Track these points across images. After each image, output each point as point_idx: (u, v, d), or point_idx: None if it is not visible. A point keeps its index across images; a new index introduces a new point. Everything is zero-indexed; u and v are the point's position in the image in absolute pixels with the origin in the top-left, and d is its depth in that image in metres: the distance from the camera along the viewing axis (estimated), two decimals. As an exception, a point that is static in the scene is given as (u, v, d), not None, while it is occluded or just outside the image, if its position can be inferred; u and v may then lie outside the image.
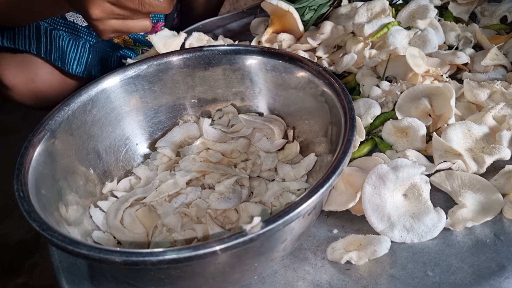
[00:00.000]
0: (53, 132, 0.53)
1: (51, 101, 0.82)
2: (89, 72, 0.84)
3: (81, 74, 0.83)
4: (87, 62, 0.83)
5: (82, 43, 0.83)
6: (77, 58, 0.83)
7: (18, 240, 1.18)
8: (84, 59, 0.83)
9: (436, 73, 0.66)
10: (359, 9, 0.78)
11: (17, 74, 0.80)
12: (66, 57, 0.82)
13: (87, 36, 0.85)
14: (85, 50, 0.83)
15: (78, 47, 0.82)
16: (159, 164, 0.62)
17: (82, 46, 0.83)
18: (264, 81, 0.63)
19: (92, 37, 0.86)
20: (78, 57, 0.83)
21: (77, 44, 0.82)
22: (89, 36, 0.86)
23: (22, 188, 0.45)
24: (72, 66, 0.82)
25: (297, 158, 0.60)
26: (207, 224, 0.52)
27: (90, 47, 0.84)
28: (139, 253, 0.38)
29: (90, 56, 0.83)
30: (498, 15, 0.80)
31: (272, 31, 0.82)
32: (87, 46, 0.83)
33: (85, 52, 0.83)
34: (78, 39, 0.83)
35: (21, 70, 0.80)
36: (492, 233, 0.50)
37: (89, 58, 0.83)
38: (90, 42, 0.85)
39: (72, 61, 0.82)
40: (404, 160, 0.54)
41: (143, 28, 0.56)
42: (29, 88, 0.82)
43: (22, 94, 0.83)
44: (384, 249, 0.49)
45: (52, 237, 0.40)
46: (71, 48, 0.82)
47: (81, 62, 0.83)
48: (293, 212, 0.40)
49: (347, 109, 0.50)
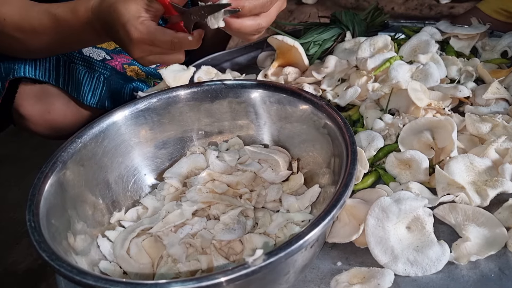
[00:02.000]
0: (65, 163, 0.55)
1: (65, 132, 0.85)
2: (103, 104, 0.87)
3: (95, 105, 0.86)
4: (101, 94, 0.87)
5: (97, 76, 0.87)
6: (91, 90, 0.86)
7: (25, 268, 1.18)
8: (98, 91, 0.87)
9: (438, 107, 0.68)
10: (362, 44, 0.81)
11: (34, 105, 0.84)
12: (82, 89, 0.85)
13: (101, 70, 0.90)
14: (99, 82, 0.87)
15: (93, 80, 0.86)
16: (166, 195, 0.63)
17: (96, 79, 0.87)
18: (269, 114, 0.65)
19: (107, 71, 0.90)
20: (92, 89, 0.87)
21: (92, 77, 0.86)
22: (104, 69, 0.90)
23: (34, 218, 0.47)
24: (87, 97, 0.85)
25: (302, 189, 0.61)
26: (212, 255, 0.53)
27: (104, 80, 0.88)
28: (144, 284, 0.39)
29: (104, 88, 0.87)
30: (499, 49, 0.82)
31: (278, 64, 0.85)
32: (101, 79, 0.87)
33: (99, 85, 0.87)
34: (93, 72, 0.87)
35: (38, 100, 0.84)
36: (497, 268, 0.50)
37: (103, 90, 0.87)
38: (104, 75, 0.89)
39: (87, 93, 0.86)
40: (406, 193, 0.55)
41: (177, 61, 0.63)
42: (45, 118, 0.85)
43: (38, 124, 0.86)
44: (388, 283, 0.49)
45: (60, 267, 0.41)
46: (87, 81, 0.86)
47: (95, 94, 0.87)
48: (295, 245, 0.40)
49: (349, 142, 0.51)
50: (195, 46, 0.59)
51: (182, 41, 0.58)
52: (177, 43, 0.58)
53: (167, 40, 0.58)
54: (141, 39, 0.58)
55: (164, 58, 0.62)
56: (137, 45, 0.59)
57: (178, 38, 0.58)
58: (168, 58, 0.62)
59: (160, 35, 0.58)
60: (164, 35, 0.58)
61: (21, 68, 0.80)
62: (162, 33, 0.58)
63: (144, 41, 0.58)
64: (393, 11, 1.72)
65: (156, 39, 0.58)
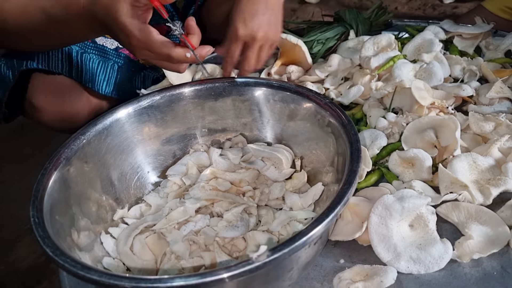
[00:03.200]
0: (69, 160, 0.55)
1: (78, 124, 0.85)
2: (118, 92, 0.87)
3: (110, 94, 0.86)
4: (115, 82, 0.87)
5: (111, 64, 0.87)
6: (106, 79, 0.87)
7: (28, 265, 1.18)
8: (113, 80, 0.87)
9: (442, 105, 0.68)
10: (365, 43, 0.81)
11: (47, 96, 0.84)
12: (96, 78, 0.86)
13: (115, 58, 0.90)
14: (113, 71, 0.87)
15: (107, 69, 0.87)
16: (169, 192, 0.63)
17: (111, 68, 0.87)
18: (272, 112, 0.65)
19: (120, 59, 0.90)
20: (107, 78, 0.87)
21: (106, 66, 0.87)
22: (117, 58, 0.90)
23: (37, 214, 0.47)
24: (101, 86, 0.85)
25: (305, 187, 0.61)
26: (215, 252, 0.53)
27: (118, 68, 0.88)
28: (148, 279, 0.39)
29: (119, 76, 0.87)
30: (503, 49, 0.82)
31: (281, 63, 0.85)
32: (115, 68, 0.88)
33: (114, 73, 0.87)
34: (107, 61, 0.88)
35: (51, 92, 0.84)
36: (499, 266, 0.50)
37: (117, 78, 0.87)
38: (118, 63, 0.89)
39: (102, 82, 0.86)
40: (410, 191, 0.55)
41: (176, 71, 0.63)
42: (58, 110, 0.85)
43: (50, 115, 0.85)
44: (391, 280, 0.49)
45: (64, 262, 0.42)
46: (101, 70, 0.86)
47: (110, 82, 0.87)
48: (299, 241, 0.40)
49: (353, 140, 0.51)
50: (192, 61, 0.59)
51: (179, 57, 0.57)
52: (174, 59, 0.57)
53: (165, 53, 0.57)
54: (140, 47, 0.57)
55: (163, 64, 0.61)
56: (137, 50, 0.58)
57: (176, 53, 0.57)
58: (167, 65, 0.61)
59: (159, 47, 0.57)
60: (162, 48, 0.57)
61: (34, 59, 0.80)
62: (160, 45, 0.57)
63: (143, 48, 0.58)
64: (396, 10, 1.71)
65: (154, 50, 0.57)
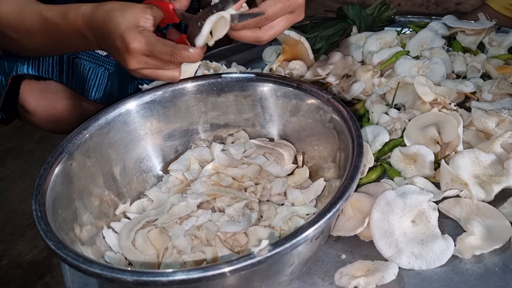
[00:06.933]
0: (71, 154, 0.55)
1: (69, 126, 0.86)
2: (107, 99, 0.87)
3: (99, 100, 0.86)
4: (105, 89, 0.87)
5: (102, 71, 0.87)
6: (96, 85, 0.87)
7: (30, 260, 1.19)
8: (103, 86, 0.87)
9: (444, 101, 0.68)
10: (368, 39, 0.81)
11: (39, 100, 0.84)
12: (86, 85, 0.86)
13: (106, 65, 0.90)
14: (104, 77, 0.87)
15: (98, 75, 0.86)
16: (171, 187, 0.64)
17: (101, 74, 0.87)
18: (275, 108, 0.65)
19: (111, 66, 0.90)
20: (97, 85, 0.87)
21: (97, 72, 0.87)
22: (109, 64, 0.90)
23: (40, 208, 0.47)
24: (91, 93, 0.86)
25: (306, 183, 0.61)
26: (217, 246, 0.53)
27: (109, 75, 0.88)
28: (150, 273, 0.39)
29: (109, 83, 0.87)
30: (506, 45, 0.82)
31: (283, 59, 0.85)
32: (106, 74, 0.87)
33: (104, 80, 0.87)
34: (98, 68, 0.88)
35: (42, 96, 0.84)
36: (501, 262, 0.50)
37: (107, 85, 0.87)
38: (109, 70, 0.89)
39: (92, 88, 0.86)
40: (412, 187, 0.55)
41: (171, 78, 0.61)
42: (50, 113, 0.85)
43: (43, 119, 0.86)
44: (392, 276, 0.49)
45: (67, 256, 0.42)
46: (91, 76, 0.86)
47: (100, 89, 0.87)
48: (301, 236, 0.40)
49: (355, 135, 0.51)
50: (195, 60, 0.57)
51: (182, 53, 0.56)
52: (177, 55, 0.56)
53: (167, 50, 0.55)
54: (139, 50, 0.55)
55: (159, 73, 0.59)
56: (134, 56, 0.56)
57: (178, 49, 0.55)
58: (163, 74, 0.60)
59: (160, 45, 0.55)
60: (164, 46, 0.55)
61: (24, 65, 0.80)
62: (162, 43, 0.56)
63: (142, 52, 0.56)
64: (399, 7, 1.70)
65: (156, 49, 0.55)
